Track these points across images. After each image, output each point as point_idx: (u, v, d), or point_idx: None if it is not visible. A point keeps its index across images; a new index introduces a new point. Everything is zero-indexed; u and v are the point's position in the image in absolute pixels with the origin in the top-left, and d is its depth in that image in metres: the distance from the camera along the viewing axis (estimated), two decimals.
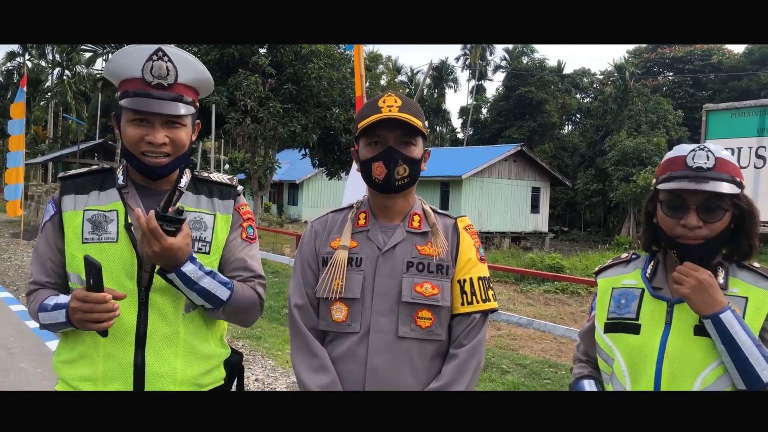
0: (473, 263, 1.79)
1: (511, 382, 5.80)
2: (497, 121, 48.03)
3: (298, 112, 16.67)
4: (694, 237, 1.57)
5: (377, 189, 1.77)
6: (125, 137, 1.69)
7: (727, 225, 1.58)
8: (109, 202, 1.73)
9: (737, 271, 1.61)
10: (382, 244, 1.76)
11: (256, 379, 5.70)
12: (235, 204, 1.85)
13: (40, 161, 39.30)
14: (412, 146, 1.73)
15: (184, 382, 1.73)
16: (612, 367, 1.69)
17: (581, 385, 1.79)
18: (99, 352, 1.67)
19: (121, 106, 1.68)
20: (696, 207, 1.56)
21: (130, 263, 1.67)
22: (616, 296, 1.72)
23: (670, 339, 1.58)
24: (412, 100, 1.77)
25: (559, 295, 13.85)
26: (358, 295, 1.72)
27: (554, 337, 8.81)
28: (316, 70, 16.37)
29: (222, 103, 16.27)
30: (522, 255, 20.97)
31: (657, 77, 45.11)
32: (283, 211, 36.71)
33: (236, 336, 7.30)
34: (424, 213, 1.83)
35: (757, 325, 1.53)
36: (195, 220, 1.76)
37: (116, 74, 1.71)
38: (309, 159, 20.29)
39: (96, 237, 1.68)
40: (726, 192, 1.54)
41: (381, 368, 1.69)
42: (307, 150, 18.95)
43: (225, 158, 40.89)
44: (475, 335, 1.74)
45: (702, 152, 1.58)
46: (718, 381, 1.52)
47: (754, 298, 1.55)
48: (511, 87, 46.95)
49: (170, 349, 1.70)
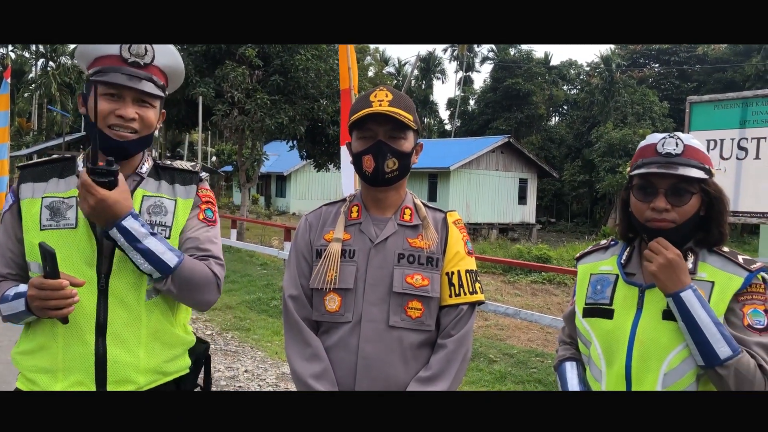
0: (461, 256, 1.84)
1: (499, 371, 5.87)
2: (485, 112, 48.11)
3: (286, 103, 16.59)
4: (662, 220, 1.63)
5: (368, 181, 1.82)
6: (91, 109, 1.65)
7: (696, 210, 1.64)
8: (69, 188, 1.70)
9: (707, 256, 1.67)
10: (374, 237, 1.80)
11: (246, 370, 5.74)
12: (197, 189, 1.84)
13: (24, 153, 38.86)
14: (401, 140, 1.77)
15: (147, 370, 1.71)
16: (589, 350, 1.77)
17: (564, 367, 1.87)
18: (58, 343, 1.64)
19: (91, 81, 1.67)
20: (665, 191, 1.63)
21: (90, 249, 1.65)
22: (594, 282, 1.80)
23: (641, 323, 1.65)
24: (403, 95, 1.81)
25: (546, 285, 13.96)
26: (352, 285, 1.77)
27: (541, 326, 8.90)
28: (304, 61, 16.29)
29: (209, 95, 16.16)
30: (509, 246, 21.08)
31: (643, 69, 45.33)
32: (271, 203, 36.59)
33: (225, 328, 7.32)
34: (415, 206, 1.88)
35: (722, 307, 1.58)
36: (155, 205, 1.75)
37: (91, 52, 1.69)
38: (297, 151, 20.21)
39: (54, 223, 1.66)
40: (693, 176, 1.61)
41: (372, 356, 1.73)
42: (295, 142, 18.89)
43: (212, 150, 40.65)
44: (462, 326, 1.79)
45: (671, 140, 1.66)
46: (683, 363, 1.58)
47: (719, 282, 1.61)
48: (499, 78, 47.01)
49: (132, 336, 1.68)
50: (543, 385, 5.47)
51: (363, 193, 1.89)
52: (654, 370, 1.61)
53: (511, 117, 45.11)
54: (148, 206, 1.74)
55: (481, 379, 5.66)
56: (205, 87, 16.13)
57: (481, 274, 15.54)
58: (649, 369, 1.62)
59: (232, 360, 6.06)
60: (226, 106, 16.13)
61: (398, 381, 1.74)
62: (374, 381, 1.72)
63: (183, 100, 17.26)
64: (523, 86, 44.49)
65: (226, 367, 5.79)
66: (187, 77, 16.74)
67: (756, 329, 1.57)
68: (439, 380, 1.73)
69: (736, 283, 1.60)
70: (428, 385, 1.73)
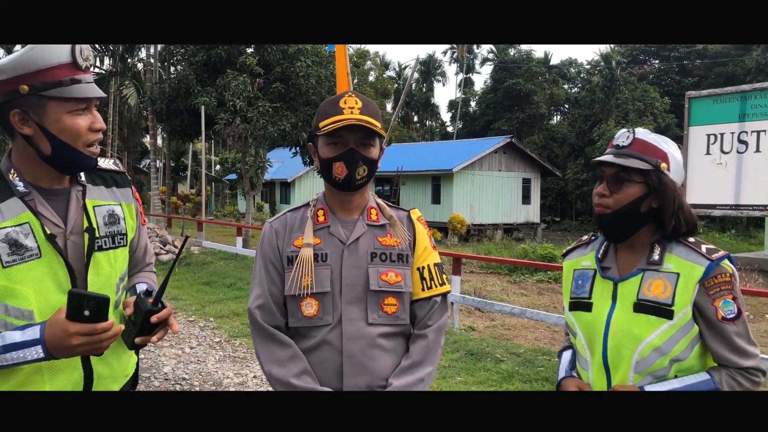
0: (429, 251, 1.93)
1: (506, 370, 5.88)
2: (486, 113, 48.08)
3: (288, 110, 16.67)
4: (600, 205, 1.77)
5: (338, 187, 1.84)
6: (67, 131, 1.53)
7: (635, 199, 1.73)
8: (15, 214, 1.52)
9: (674, 246, 1.74)
10: (344, 238, 1.85)
11: (255, 376, 5.78)
12: (132, 191, 1.83)
13: None
14: (371, 147, 1.82)
15: (120, 376, 1.74)
16: (576, 341, 1.89)
17: (564, 355, 2.00)
18: (43, 376, 1.55)
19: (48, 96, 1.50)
20: (607, 178, 1.76)
21: (63, 275, 1.56)
22: (576, 277, 1.91)
23: (614, 315, 1.75)
24: (370, 101, 1.85)
25: (552, 284, 13.95)
26: (328, 288, 1.80)
27: (547, 325, 8.92)
28: (304, 68, 16.37)
29: (211, 104, 16.26)
30: (514, 246, 21.08)
31: (643, 65, 45.27)
32: (275, 210, 36.66)
33: (233, 335, 7.37)
34: (379, 206, 1.94)
35: (686, 297, 1.66)
36: (108, 215, 1.70)
37: (37, 62, 1.48)
38: (300, 157, 20.28)
39: (18, 258, 1.49)
40: (631, 166, 1.71)
41: (356, 354, 1.78)
42: (298, 148, 18.96)
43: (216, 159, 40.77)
44: (439, 317, 1.89)
45: (625, 133, 1.79)
46: (654, 352, 1.68)
47: (684, 272, 1.68)
48: (499, 79, 47.00)
49: (109, 350, 1.61)
50: (551, 384, 5.48)
51: (328, 196, 1.92)
52: (627, 358, 1.71)
53: (513, 117, 45.08)
54: (103, 216, 1.68)
55: (488, 379, 5.68)
56: (207, 96, 16.24)
57: (487, 275, 15.57)
58: (623, 357, 1.72)
59: (240, 366, 6.10)
60: (228, 114, 16.22)
61: (381, 374, 1.80)
62: (360, 377, 1.78)
63: (185, 110, 17.37)
64: (523, 86, 44.47)
65: (234, 374, 5.84)
66: (188, 87, 16.91)
67: (729, 319, 1.65)
68: (423, 366, 1.82)
69: (697, 272, 1.66)
70: (414, 371, 1.80)
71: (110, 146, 30.17)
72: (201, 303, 9.34)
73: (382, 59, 56.87)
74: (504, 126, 44.21)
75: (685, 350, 1.68)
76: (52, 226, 1.58)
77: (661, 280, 1.69)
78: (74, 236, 1.62)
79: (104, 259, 1.67)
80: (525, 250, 17.72)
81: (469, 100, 54.59)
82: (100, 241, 1.66)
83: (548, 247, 17.88)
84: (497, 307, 7.60)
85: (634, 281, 1.74)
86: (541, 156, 36.24)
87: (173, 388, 5.46)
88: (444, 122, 59.52)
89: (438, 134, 55.83)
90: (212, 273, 12.37)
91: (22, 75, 1.48)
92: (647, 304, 1.70)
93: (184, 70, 18.23)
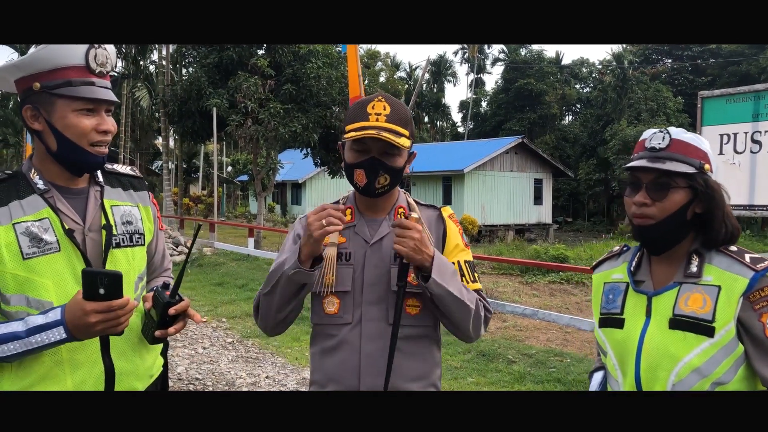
0: (460, 248, 1.88)
1: (518, 371, 5.87)
2: (497, 114, 47.97)
3: (299, 112, 16.74)
4: (642, 215, 1.58)
5: (359, 192, 1.83)
6: (71, 128, 1.58)
7: (680, 207, 1.56)
8: (36, 210, 1.60)
9: (713, 256, 1.57)
10: (369, 237, 1.83)
11: (267, 376, 5.81)
12: (149, 196, 1.87)
13: None
14: (395, 156, 1.77)
15: (143, 375, 1.75)
16: (607, 360, 1.72)
17: (594, 377, 1.83)
18: (64, 369, 1.59)
19: (58, 94, 1.57)
20: (646, 185, 1.58)
21: (81, 268, 1.59)
22: (606, 291, 1.74)
23: (648, 331, 1.59)
24: (401, 105, 1.79)
25: (564, 285, 13.88)
26: (349, 287, 1.79)
27: (559, 326, 8.88)
28: (315, 69, 16.43)
29: (223, 106, 16.35)
30: (526, 247, 20.99)
31: (656, 65, 44.99)
32: (287, 211, 36.78)
33: (246, 335, 7.40)
34: (408, 205, 1.90)
35: (729, 313, 1.49)
36: (125, 214, 1.76)
37: (50, 61, 1.56)
38: (311, 158, 20.35)
39: (38, 250, 1.56)
40: (674, 170, 1.54)
41: (375, 355, 1.75)
42: (309, 149, 19.03)
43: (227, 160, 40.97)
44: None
45: (659, 134, 1.61)
46: (693, 373, 1.51)
47: (726, 285, 1.51)
48: (510, 79, 46.89)
49: (129, 345, 1.69)
50: (563, 385, 5.47)
51: (356, 196, 1.90)
52: (662, 380, 1.54)
53: (524, 117, 44.96)
54: (120, 216, 1.74)
55: (500, 380, 5.68)
56: (219, 98, 16.34)
57: (499, 276, 15.51)
58: (658, 379, 1.55)
59: (253, 367, 6.13)
60: (239, 116, 16.31)
61: (400, 376, 1.75)
62: (378, 378, 1.73)
63: (197, 112, 17.49)
64: (535, 86, 44.34)
65: (247, 374, 5.87)
66: (200, 89, 17.01)
67: None
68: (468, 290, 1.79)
69: (741, 284, 1.49)
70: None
71: (123, 148, 30.38)
72: (213, 304, 9.39)
73: (393, 60, 56.87)
74: (515, 126, 44.09)
75: (729, 372, 1.50)
76: (71, 222, 1.63)
77: (700, 293, 1.52)
78: (92, 233, 1.67)
79: (122, 256, 1.71)
80: (537, 251, 17.64)
81: (480, 100, 54.50)
82: (118, 239, 1.71)
83: (560, 248, 17.79)
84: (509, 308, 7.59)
85: (669, 295, 1.57)
86: (553, 156, 36.12)
87: (186, 388, 5.51)
88: (455, 123, 59.49)
89: (449, 135, 55.77)
90: (224, 274, 12.43)
91: (37, 73, 1.57)
92: (684, 319, 1.52)
93: (195, 72, 18.36)
